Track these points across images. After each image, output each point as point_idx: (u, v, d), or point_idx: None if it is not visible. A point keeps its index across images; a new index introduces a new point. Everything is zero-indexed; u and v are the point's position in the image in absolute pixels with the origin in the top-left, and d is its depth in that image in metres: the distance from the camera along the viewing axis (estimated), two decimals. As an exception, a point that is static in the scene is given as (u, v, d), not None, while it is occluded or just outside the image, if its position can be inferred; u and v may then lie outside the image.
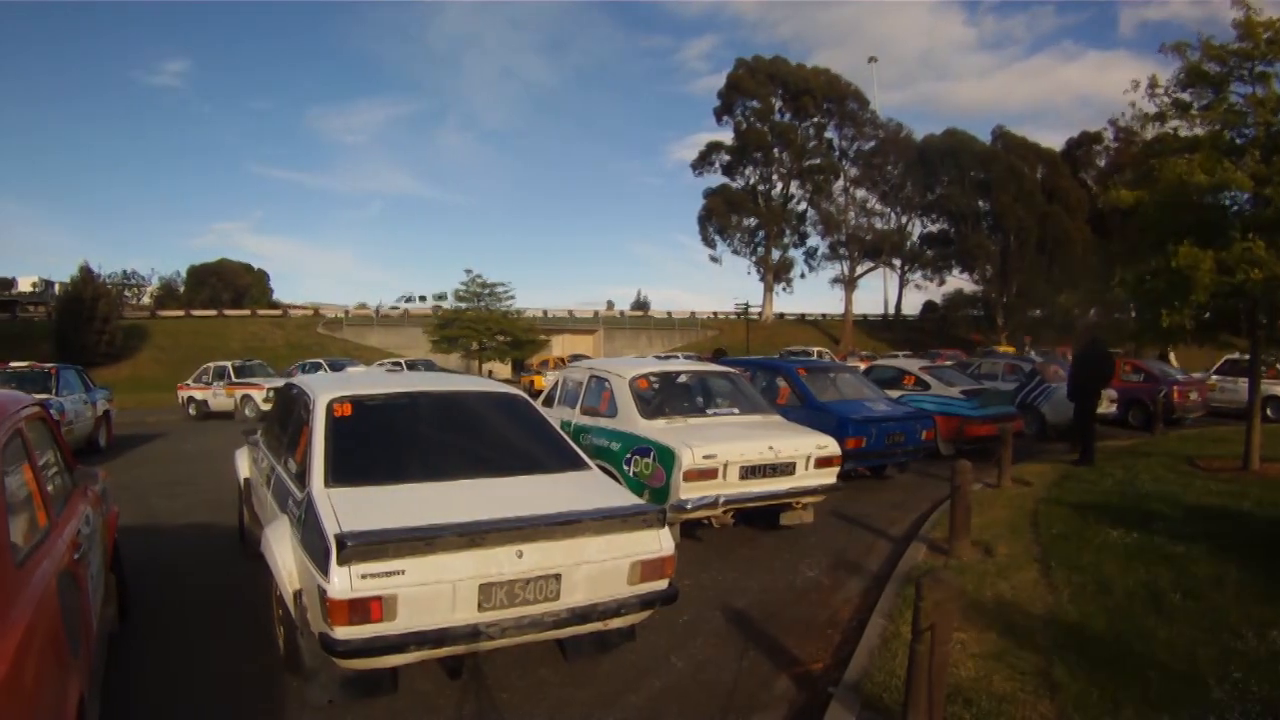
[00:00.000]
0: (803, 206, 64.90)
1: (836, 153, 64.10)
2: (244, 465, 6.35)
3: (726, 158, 64.58)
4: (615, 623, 3.87)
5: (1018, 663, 3.88)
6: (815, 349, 41.90)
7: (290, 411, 5.10)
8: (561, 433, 5.01)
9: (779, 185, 64.29)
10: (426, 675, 4.02)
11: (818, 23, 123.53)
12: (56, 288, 51.93)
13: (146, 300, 61.39)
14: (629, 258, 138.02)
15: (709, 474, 6.24)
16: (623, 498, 4.18)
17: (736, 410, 7.62)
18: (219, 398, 21.48)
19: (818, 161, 62.62)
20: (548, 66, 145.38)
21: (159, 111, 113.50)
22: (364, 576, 3.19)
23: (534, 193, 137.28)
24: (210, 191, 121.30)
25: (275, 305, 65.53)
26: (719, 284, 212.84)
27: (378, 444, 4.41)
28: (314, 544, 3.42)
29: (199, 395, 22.18)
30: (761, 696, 3.91)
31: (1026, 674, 3.74)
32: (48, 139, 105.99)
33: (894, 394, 11.97)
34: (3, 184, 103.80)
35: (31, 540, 2.76)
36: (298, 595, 3.66)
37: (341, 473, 3.93)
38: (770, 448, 6.53)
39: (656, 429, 6.71)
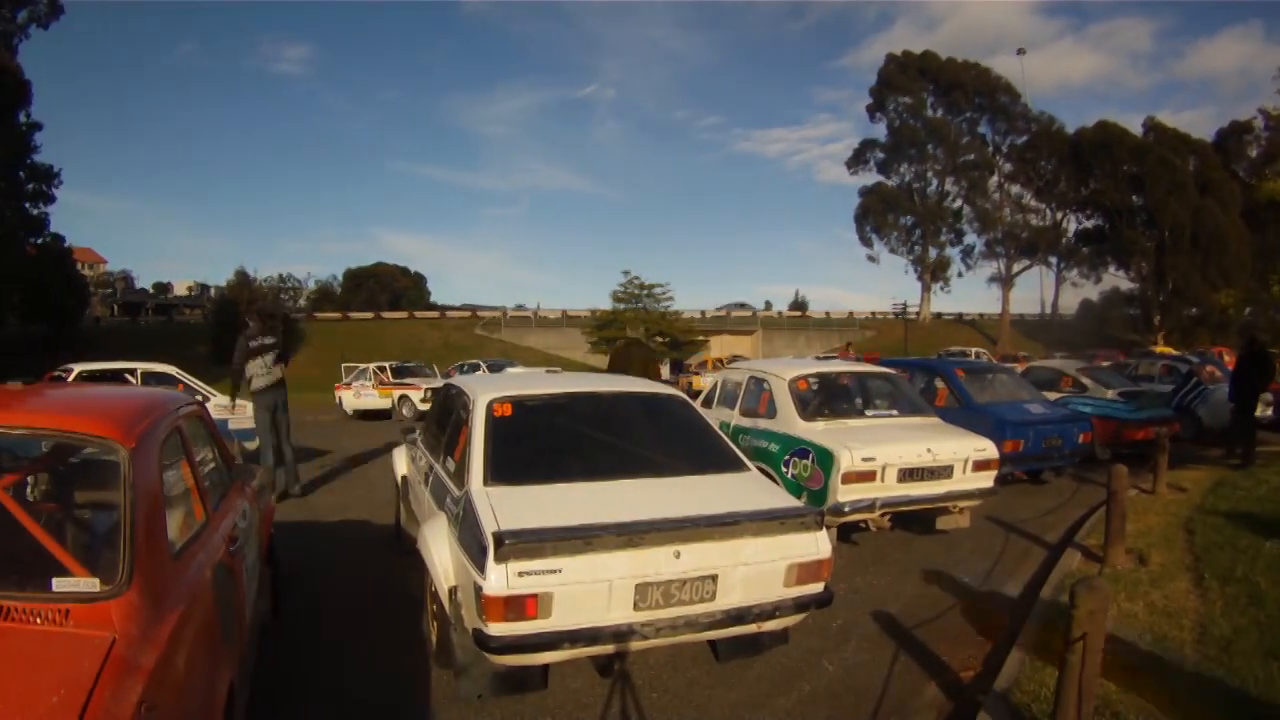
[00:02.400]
0: (958, 203, 60.89)
1: (990, 148, 59.97)
2: (401, 463, 6.26)
3: (881, 155, 61.66)
4: (770, 625, 3.68)
5: (1167, 675, 3.78)
6: (974, 350, 39.40)
7: (449, 411, 4.94)
8: (720, 434, 4.79)
9: (934, 182, 60.77)
10: (577, 673, 3.93)
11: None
12: (212, 291, 51.92)
13: (303, 303, 59.92)
14: (787, 254, 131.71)
15: (867, 476, 6.01)
16: (781, 499, 3.98)
17: (895, 412, 7.35)
18: (376, 398, 20.71)
19: (971, 157, 58.75)
20: (704, 50, 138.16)
21: (304, 113, 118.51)
22: (520, 574, 3.10)
23: (689, 186, 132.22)
24: (361, 194, 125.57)
25: (433, 307, 64.24)
26: (877, 283, 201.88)
27: (536, 444, 4.27)
28: (471, 541, 3.36)
29: (356, 395, 21.40)
30: (911, 703, 3.81)
31: (1176, 688, 3.64)
32: (203, 145, 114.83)
33: (1051, 396, 11.37)
34: (160, 190, 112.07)
35: (188, 533, 2.78)
36: (453, 591, 3.61)
37: (500, 472, 3.81)
38: (928, 450, 6.24)
39: (815, 430, 6.49)
